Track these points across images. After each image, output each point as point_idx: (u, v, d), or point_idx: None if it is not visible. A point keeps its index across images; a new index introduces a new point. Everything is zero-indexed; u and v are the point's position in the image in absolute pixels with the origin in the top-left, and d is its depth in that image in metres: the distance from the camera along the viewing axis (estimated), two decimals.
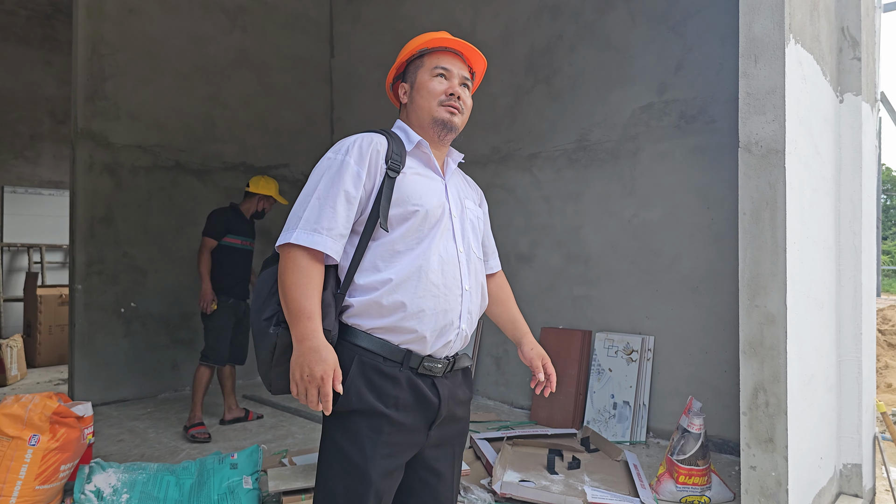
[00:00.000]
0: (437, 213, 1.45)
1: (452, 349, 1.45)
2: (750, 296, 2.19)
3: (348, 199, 1.37)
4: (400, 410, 1.36)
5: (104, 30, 4.67)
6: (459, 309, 1.44)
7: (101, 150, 4.68)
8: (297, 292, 1.30)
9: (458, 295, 1.43)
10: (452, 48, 1.54)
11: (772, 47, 2.14)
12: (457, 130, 1.53)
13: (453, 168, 1.59)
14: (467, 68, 1.57)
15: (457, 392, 1.48)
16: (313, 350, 1.27)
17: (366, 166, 1.40)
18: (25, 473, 2.43)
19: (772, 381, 2.14)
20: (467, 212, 1.56)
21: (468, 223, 1.54)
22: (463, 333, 1.46)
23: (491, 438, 3.47)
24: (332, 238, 1.34)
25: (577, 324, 4.21)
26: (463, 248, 1.49)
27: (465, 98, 1.53)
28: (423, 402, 1.39)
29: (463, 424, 1.54)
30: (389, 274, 1.37)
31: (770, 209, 2.14)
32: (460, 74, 1.53)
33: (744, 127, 2.20)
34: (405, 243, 1.40)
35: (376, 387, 1.34)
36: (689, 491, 2.81)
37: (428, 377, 1.41)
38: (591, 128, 4.17)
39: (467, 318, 1.47)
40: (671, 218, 3.78)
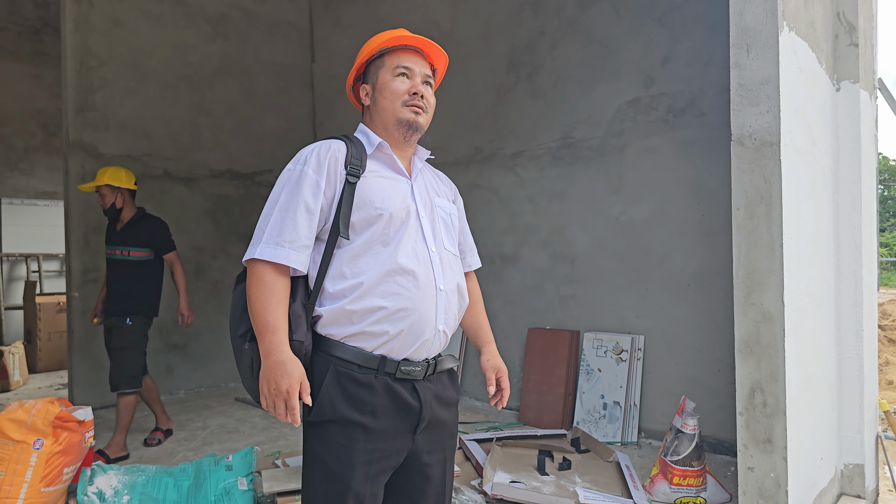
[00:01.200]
0: (402, 214, 1.37)
1: (431, 351, 1.37)
2: (745, 293, 2.03)
3: (308, 210, 1.32)
4: (378, 417, 1.30)
5: (91, 42, 4.56)
6: (435, 310, 1.35)
7: (92, 160, 4.57)
8: (262, 307, 1.26)
9: (432, 295, 1.35)
10: (412, 45, 1.45)
11: (765, 36, 1.97)
12: (422, 130, 1.44)
13: (420, 166, 1.49)
14: (429, 65, 1.48)
15: (441, 394, 1.41)
16: (278, 364, 1.23)
17: (324, 174, 1.34)
18: (31, 476, 2.44)
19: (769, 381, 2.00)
20: (438, 210, 1.47)
21: (440, 221, 1.46)
22: (442, 334, 1.38)
23: (480, 439, 3.32)
24: (294, 250, 1.29)
25: (564, 324, 4.00)
26: (435, 247, 1.41)
27: (429, 96, 1.45)
28: (402, 408, 1.33)
29: (451, 427, 1.47)
30: (357, 280, 1.30)
31: (765, 204, 1.97)
32: (422, 72, 1.44)
33: (736, 119, 2.02)
34: (371, 248, 1.33)
35: (352, 396, 1.29)
36: (683, 492, 2.62)
37: (407, 381, 1.34)
38: (576, 125, 3.96)
39: (445, 319, 1.38)
40: (660, 215, 3.57)
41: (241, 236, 5.43)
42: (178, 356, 5.01)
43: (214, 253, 5.26)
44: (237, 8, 5.44)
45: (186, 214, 5.06)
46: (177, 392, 4.98)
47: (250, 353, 1.31)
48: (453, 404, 1.47)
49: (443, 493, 1.45)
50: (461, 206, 1.63)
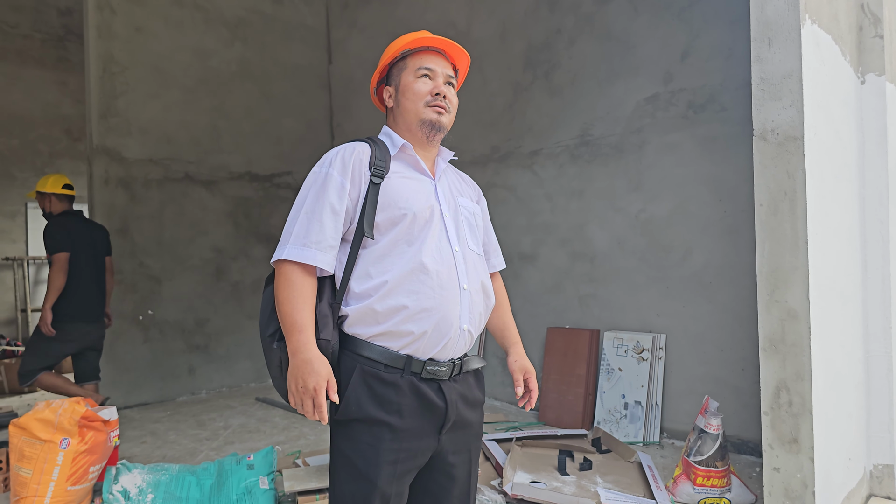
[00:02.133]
0: (426, 214, 1.39)
1: (457, 351, 1.38)
2: (769, 290, 2.01)
3: (334, 211, 1.35)
4: (404, 417, 1.32)
5: (114, 49, 4.68)
6: (459, 309, 1.36)
7: (115, 164, 4.68)
8: (289, 306, 1.29)
9: (456, 294, 1.36)
10: (435, 47, 1.47)
11: (786, 29, 1.95)
12: (445, 130, 1.46)
13: (444, 167, 1.51)
14: (451, 66, 1.50)
15: (467, 395, 1.42)
16: (306, 362, 1.26)
17: (349, 176, 1.37)
18: (58, 475, 2.48)
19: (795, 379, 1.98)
20: (462, 210, 1.48)
21: (463, 221, 1.47)
22: (466, 334, 1.39)
23: (500, 439, 3.32)
24: (321, 251, 1.32)
25: (584, 323, 3.99)
26: (459, 246, 1.42)
27: (451, 97, 1.47)
28: (428, 408, 1.34)
29: (477, 428, 1.47)
30: (382, 279, 1.32)
31: (789, 199, 1.95)
32: (444, 73, 1.46)
33: (758, 114, 2.01)
34: (396, 247, 1.35)
35: (377, 395, 1.31)
36: (707, 493, 2.60)
37: (433, 381, 1.35)
38: (594, 122, 3.94)
39: (469, 318, 1.39)
40: (681, 212, 3.54)
41: (260, 238, 5.51)
42: (199, 357, 5.11)
43: (234, 254, 5.35)
44: (255, 12, 5.52)
45: (207, 217, 5.16)
46: (199, 392, 5.08)
47: (279, 352, 1.33)
48: (479, 405, 1.47)
49: (467, 494, 1.45)
50: (485, 206, 1.65)
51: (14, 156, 7.20)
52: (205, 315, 5.11)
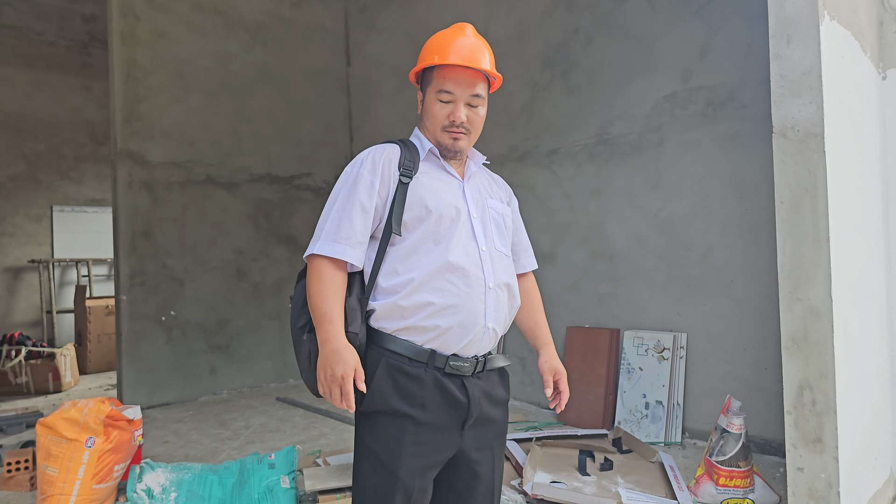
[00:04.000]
0: (453, 213, 1.43)
1: (481, 348, 1.41)
2: (791, 289, 2.01)
3: (363, 209, 1.40)
4: (427, 410, 1.35)
5: (137, 54, 4.80)
6: (484, 307, 1.40)
7: (138, 168, 4.81)
8: (320, 298, 1.34)
9: (481, 293, 1.40)
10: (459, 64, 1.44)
11: (805, 25, 1.96)
12: (464, 152, 1.50)
13: (474, 169, 1.56)
14: (478, 80, 1.47)
15: (490, 392, 1.44)
16: (334, 352, 1.31)
17: (379, 175, 1.42)
18: (83, 473, 2.53)
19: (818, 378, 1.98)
20: (490, 211, 1.52)
21: (491, 222, 1.51)
22: (491, 332, 1.42)
23: (519, 439, 3.34)
24: (350, 246, 1.38)
25: (604, 322, 4.01)
26: (486, 246, 1.46)
27: (473, 118, 1.47)
28: (451, 402, 1.37)
29: (500, 425, 1.49)
30: (409, 276, 1.37)
31: (810, 197, 1.96)
32: (467, 94, 1.45)
33: (777, 111, 2.02)
34: (423, 245, 1.40)
35: (401, 388, 1.35)
36: (730, 493, 2.60)
37: (457, 377, 1.38)
38: (612, 121, 3.96)
39: (494, 317, 1.42)
40: (701, 210, 3.54)
41: (280, 239, 5.62)
42: (220, 357, 5.20)
43: (255, 256, 5.45)
44: (275, 16, 5.62)
45: (228, 218, 5.26)
46: (220, 392, 5.17)
47: (308, 344, 1.39)
48: (503, 403, 1.49)
49: (492, 492, 1.48)
50: (516, 208, 1.68)
51: (40, 160, 7.42)
52: (226, 316, 5.21)
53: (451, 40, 1.45)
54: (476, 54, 1.45)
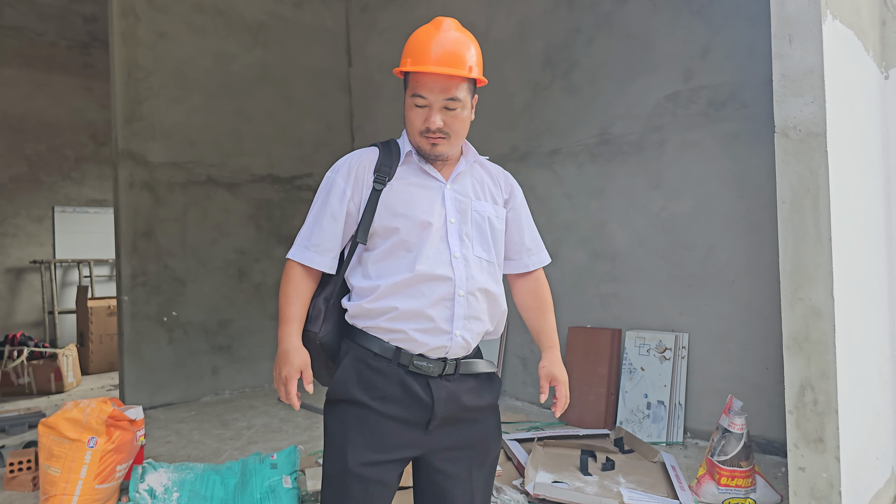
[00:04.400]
0: (426, 220, 1.41)
1: (450, 354, 1.40)
2: (793, 289, 2.02)
3: (334, 217, 1.44)
4: (387, 404, 1.37)
5: (138, 55, 4.79)
6: (451, 314, 1.39)
7: (139, 168, 4.81)
8: (284, 300, 1.43)
9: (449, 300, 1.39)
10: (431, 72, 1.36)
11: (807, 25, 1.96)
12: (444, 157, 1.45)
13: (462, 169, 1.50)
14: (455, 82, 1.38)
15: (463, 397, 1.41)
16: (284, 353, 1.40)
17: (352, 182, 1.44)
18: (86, 473, 2.53)
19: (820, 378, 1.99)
20: (473, 214, 1.47)
21: (472, 226, 1.46)
22: (459, 340, 1.40)
23: (521, 439, 3.34)
24: (319, 254, 1.43)
25: (605, 322, 4.01)
26: (460, 252, 1.42)
27: (451, 122, 1.40)
28: (413, 400, 1.37)
29: (481, 430, 1.45)
30: (377, 282, 1.39)
31: (812, 196, 1.96)
32: (441, 99, 1.37)
33: (779, 111, 2.02)
34: (395, 252, 1.40)
35: (364, 379, 1.38)
36: (732, 493, 2.61)
37: (421, 376, 1.38)
38: (614, 120, 3.96)
39: (464, 325, 1.40)
40: (703, 210, 3.54)
41: (282, 239, 5.62)
42: (222, 357, 5.21)
43: (257, 256, 5.46)
44: (276, 16, 5.62)
45: (229, 219, 5.26)
46: (222, 392, 5.17)
47: None
48: (483, 409, 1.45)
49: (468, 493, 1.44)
50: (520, 202, 1.60)
51: (41, 161, 7.43)
52: (228, 316, 5.21)
53: (426, 41, 1.38)
54: (452, 55, 1.36)
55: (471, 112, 1.45)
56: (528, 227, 1.61)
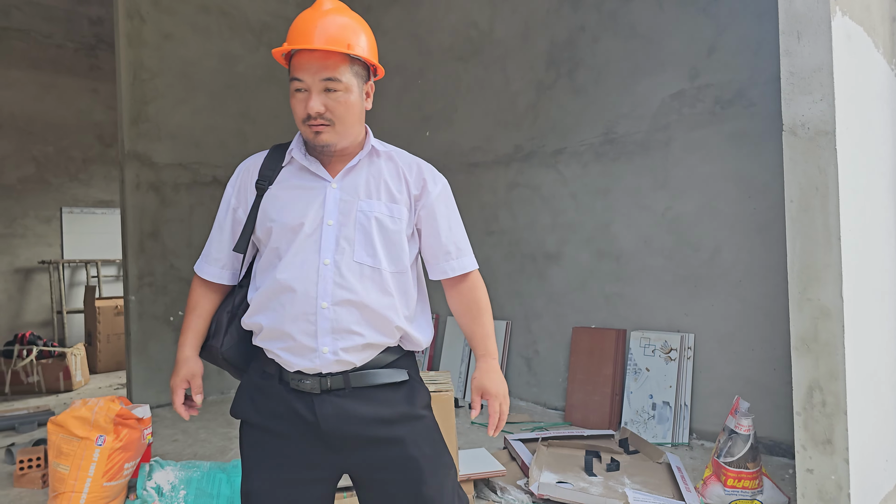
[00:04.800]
0: (296, 223, 1.30)
1: (325, 369, 1.28)
2: (801, 289, 1.99)
3: (220, 226, 1.41)
4: (280, 423, 1.31)
5: (144, 56, 4.80)
6: (315, 329, 1.26)
7: (146, 169, 4.81)
8: (186, 311, 1.44)
9: (311, 313, 1.26)
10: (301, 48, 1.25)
11: (816, 21, 1.92)
12: (334, 145, 1.30)
13: (356, 163, 1.34)
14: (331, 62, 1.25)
15: (361, 410, 1.28)
16: (175, 363, 1.41)
17: (236, 190, 1.40)
18: (94, 471, 2.54)
19: (828, 379, 1.96)
20: (358, 216, 1.31)
21: (356, 229, 1.30)
22: (329, 357, 1.26)
23: (525, 439, 3.32)
24: (209, 264, 1.41)
25: (610, 323, 3.97)
26: (331, 259, 1.28)
27: (334, 106, 1.26)
28: (299, 418, 1.29)
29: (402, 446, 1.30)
30: (252, 295, 1.35)
31: (820, 195, 1.93)
32: (318, 80, 1.24)
33: (788, 109, 1.99)
34: (270, 261, 1.33)
35: (255, 398, 1.34)
36: (738, 495, 2.57)
37: (304, 394, 1.29)
38: (618, 120, 3.93)
39: (333, 340, 1.27)
40: (709, 209, 3.51)
41: None
42: None
43: None
44: (279, 17, 5.63)
45: None
46: (228, 392, 5.17)
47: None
48: (392, 422, 1.30)
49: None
50: (434, 199, 1.39)
51: (49, 162, 7.46)
52: None
53: (302, 22, 1.27)
54: (329, 34, 1.24)
55: (363, 99, 1.31)
56: (445, 228, 1.40)
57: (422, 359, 4.98)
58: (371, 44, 1.34)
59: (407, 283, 1.37)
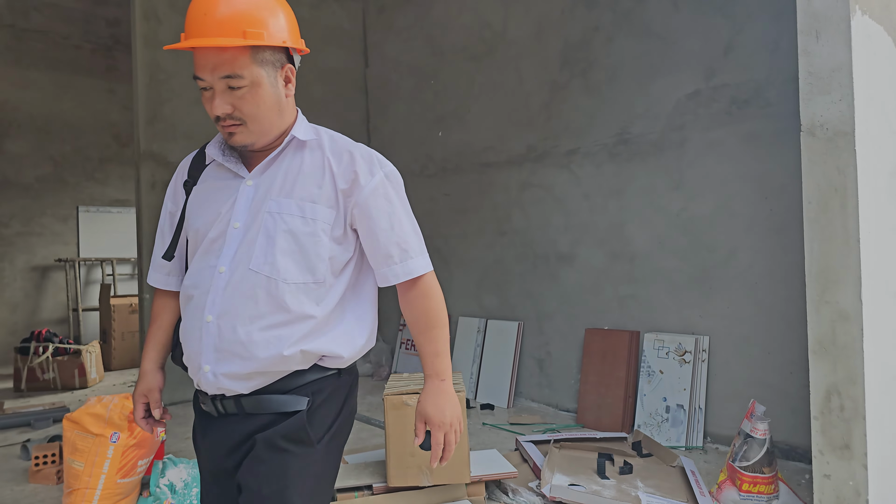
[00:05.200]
0: (204, 226, 1.19)
1: (209, 390, 1.17)
2: (819, 291, 1.97)
3: (161, 231, 1.36)
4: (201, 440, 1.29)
5: (159, 57, 4.87)
6: (200, 344, 1.15)
7: (161, 169, 4.87)
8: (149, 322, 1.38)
9: (198, 328, 1.15)
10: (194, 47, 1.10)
11: (835, 21, 1.91)
12: (252, 144, 1.17)
13: (271, 158, 1.20)
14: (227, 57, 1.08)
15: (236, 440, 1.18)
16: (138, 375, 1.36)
17: (172, 192, 1.34)
18: (108, 468, 2.56)
19: (847, 383, 1.94)
20: (265, 216, 1.15)
21: (260, 233, 1.14)
22: (209, 378, 1.14)
23: (537, 441, 3.32)
24: (155, 270, 1.36)
25: (623, 324, 3.96)
26: (227, 266, 1.14)
27: (241, 105, 1.11)
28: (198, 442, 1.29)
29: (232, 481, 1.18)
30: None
31: (839, 197, 1.91)
32: (217, 79, 1.10)
33: (806, 109, 1.98)
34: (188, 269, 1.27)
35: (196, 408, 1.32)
36: (754, 499, 2.55)
37: (206, 414, 1.24)
38: (633, 120, 3.91)
39: (216, 360, 1.14)
40: (724, 210, 3.48)
41: None
42: None
43: None
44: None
45: None
46: None
47: None
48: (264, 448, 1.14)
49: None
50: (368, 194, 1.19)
51: (66, 162, 7.58)
52: None
53: (191, 8, 1.12)
54: (219, 22, 1.06)
55: (280, 88, 1.16)
56: (385, 227, 1.19)
57: None
58: (284, 20, 1.14)
59: (326, 294, 1.17)
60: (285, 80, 1.18)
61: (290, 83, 1.19)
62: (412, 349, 5.22)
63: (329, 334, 1.18)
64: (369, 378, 5.47)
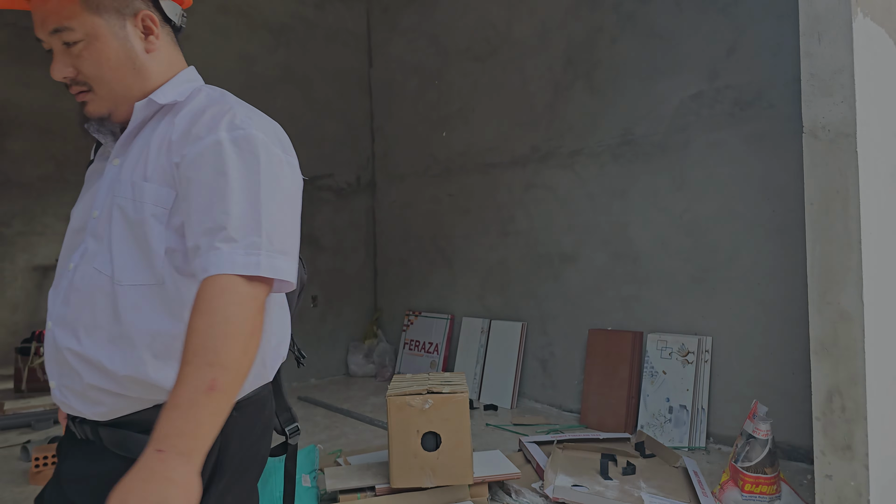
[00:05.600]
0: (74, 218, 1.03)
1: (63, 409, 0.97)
2: (821, 292, 2.00)
3: None
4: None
5: None
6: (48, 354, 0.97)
7: None
8: None
9: (50, 338, 0.96)
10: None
11: (837, 23, 1.94)
12: (108, 116, 0.98)
13: (129, 131, 0.99)
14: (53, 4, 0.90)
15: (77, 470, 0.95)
16: None
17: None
18: None
19: (848, 384, 1.96)
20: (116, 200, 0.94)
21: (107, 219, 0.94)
22: (58, 396, 0.95)
23: (540, 442, 3.35)
24: None
25: (626, 325, 3.99)
26: (76, 263, 0.95)
27: (81, 66, 0.93)
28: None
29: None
30: None
31: (841, 198, 1.94)
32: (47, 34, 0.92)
33: (808, 111, 2.00)
34: None
35: None
36: (756, 500, 2.58)
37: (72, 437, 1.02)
38: (637, 121, 3.94)
39: (58, 375, 0.94)
40: (727, 211, 3.51)
41: (303, 239, 5.56)
42: None
43: None
44: (298, 17, 5.71)
45: None
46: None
47: None
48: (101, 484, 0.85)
49: None
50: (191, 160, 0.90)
51: (68, 161, 7.62)
52: None
53: None
54: None
55: (133, 42, 0.94)
56: (203, 203, 0.87)
57: (437, 360, 5.02)
58: None
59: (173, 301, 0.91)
60: (145, 31, 0.96)
61: (151, 34, 0.97)
62: (416, 349, 5.25)
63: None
64: (372, 378, 5.51)
